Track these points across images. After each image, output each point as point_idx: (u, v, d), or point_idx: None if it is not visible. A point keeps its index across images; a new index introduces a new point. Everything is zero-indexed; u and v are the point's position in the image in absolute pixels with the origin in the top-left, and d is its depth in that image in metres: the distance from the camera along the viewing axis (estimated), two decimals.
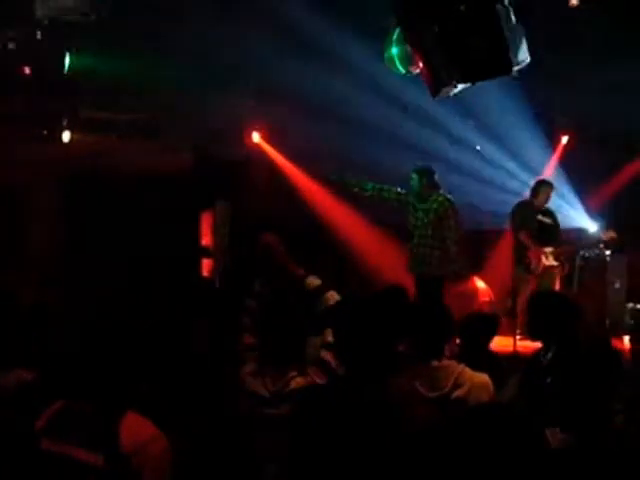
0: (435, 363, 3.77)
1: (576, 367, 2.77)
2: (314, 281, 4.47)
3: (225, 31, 8.45)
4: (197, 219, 11.01)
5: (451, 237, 8.49)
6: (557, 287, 9.17)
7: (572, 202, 10.87)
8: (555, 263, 9.18)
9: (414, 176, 8.57)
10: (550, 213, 9.38)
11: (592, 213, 10.78)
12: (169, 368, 4.20)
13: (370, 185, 8.84)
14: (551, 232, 9.27)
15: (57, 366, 3.50)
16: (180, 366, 4.34)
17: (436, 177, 8.63)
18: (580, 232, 10.12)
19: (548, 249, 9.15)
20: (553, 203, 9.67)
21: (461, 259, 8.81)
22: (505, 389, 4.21)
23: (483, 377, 3.80)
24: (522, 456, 2.12)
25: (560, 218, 9.61)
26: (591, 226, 10.72)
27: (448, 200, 8.52)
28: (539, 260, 9.12)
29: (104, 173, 9.71)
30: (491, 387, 3.78)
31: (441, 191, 8.59)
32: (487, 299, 10.12)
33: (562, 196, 10.64)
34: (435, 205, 8.46)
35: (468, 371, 3.77)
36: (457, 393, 3.67)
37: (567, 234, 9.73)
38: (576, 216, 10.75)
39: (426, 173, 8.58)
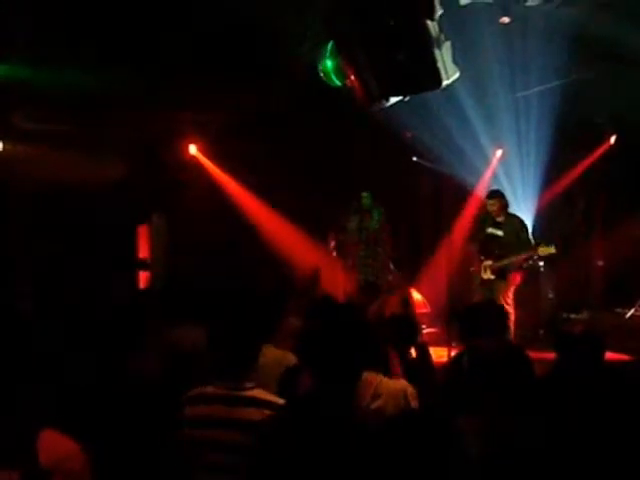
0: None
1: (487, 371, 2.84)
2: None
3: (160, 42, 8.41)
4: (133, 232, 10.92)
5: None
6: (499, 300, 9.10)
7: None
8: (492, 277, 9.12)
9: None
10: (503, 225, 9.15)
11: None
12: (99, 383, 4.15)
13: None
14: (495, 245, 9.09)
15: None
16: (111, 381, 4.28)
17: None
18: None
19: (487, 262, 9.13)
20: None
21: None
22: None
23: (399, 385, 3.86)
24: (438, 462, 2.15)
25: None
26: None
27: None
28: (479, 272, 9.19)
29: (38, 184, 9.56)
30: (409, 393, 3.83)
31: None
32: (424, 311, 10.21)
33: None
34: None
35: (386, 381, 3.83)
36: (376, 404, 3.72)
37: None
38: None
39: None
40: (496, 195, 9.24)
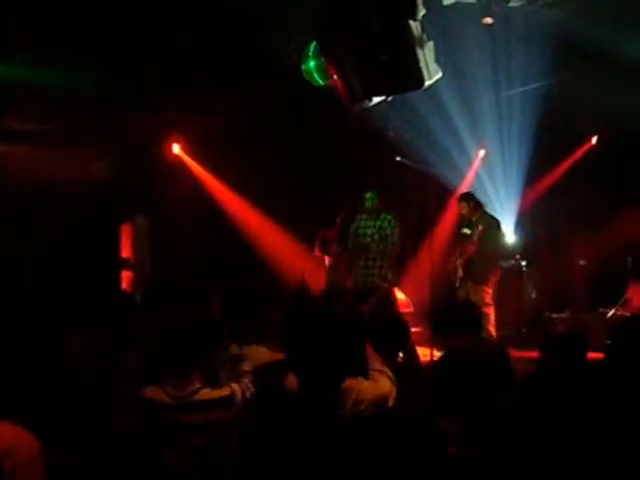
0: None
1: (463, 371, 2.84)
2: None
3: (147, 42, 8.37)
4: (116, 231, 10.87)
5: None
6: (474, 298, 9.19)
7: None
8: (461, 274, 9.28)
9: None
10: (474, 225, 9.28)
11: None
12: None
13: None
14: (465, 244, 9.28)
15: None
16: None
17: None
18: None
19: (458, 261, 9.28)
20: None
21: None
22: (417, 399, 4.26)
23: (382, 390, 3.85)
24: (419, 464, 2.14)
25: None
26: (509, 237, 10.96)
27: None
28: (455, 272, 9.34)
29: (20, 183, 9.50)
30: (389, 396, 3.84)
31: None
32: (407, 310, 10.20)
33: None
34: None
35: (367, 386, 3.82)
36: (358, 409, 3.71)
37: None
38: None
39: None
40: (464, 198, 9.49)
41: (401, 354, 4.97)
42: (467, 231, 9.29)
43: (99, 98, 9.23)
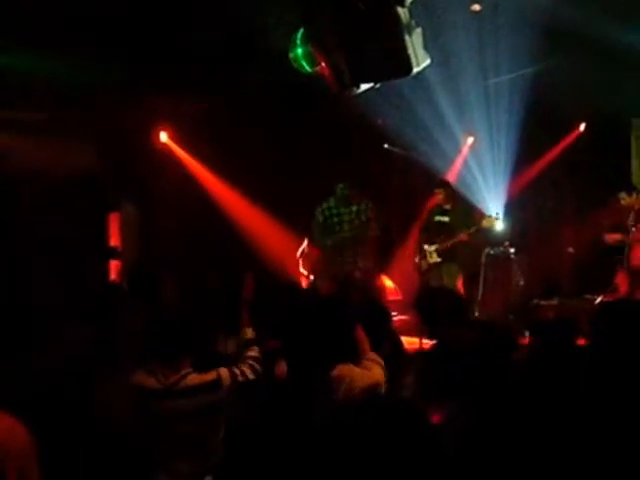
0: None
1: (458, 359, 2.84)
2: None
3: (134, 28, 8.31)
4: (104, 220, 10.81)
5: None
6: (448, 282, 9.24)
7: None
8: (438, 260, 9.35)
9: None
10: (450, 212, 9.50)
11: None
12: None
13: None
14: (442, 230, 9.44)
15: None
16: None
17: None
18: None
19: (432, 247, 9.36)
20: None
21: None
22: (406, 386, 4.27)
23: (372, 376, 3.86)
24: (410, 454, 2.13)
25: None
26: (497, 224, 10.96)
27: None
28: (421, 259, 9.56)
29: (7, 171, 9.46)
30: (381, 384, 3.85)
31: None
32: (395, 298, 10.22)
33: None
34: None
35: (360, 373, 3.83)
36: (351, 397, 3.73)
37: None
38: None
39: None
40: (442, 185, 9.66)
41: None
42: (444, 218, 9.42)
43: (86, 87, 9.16)
